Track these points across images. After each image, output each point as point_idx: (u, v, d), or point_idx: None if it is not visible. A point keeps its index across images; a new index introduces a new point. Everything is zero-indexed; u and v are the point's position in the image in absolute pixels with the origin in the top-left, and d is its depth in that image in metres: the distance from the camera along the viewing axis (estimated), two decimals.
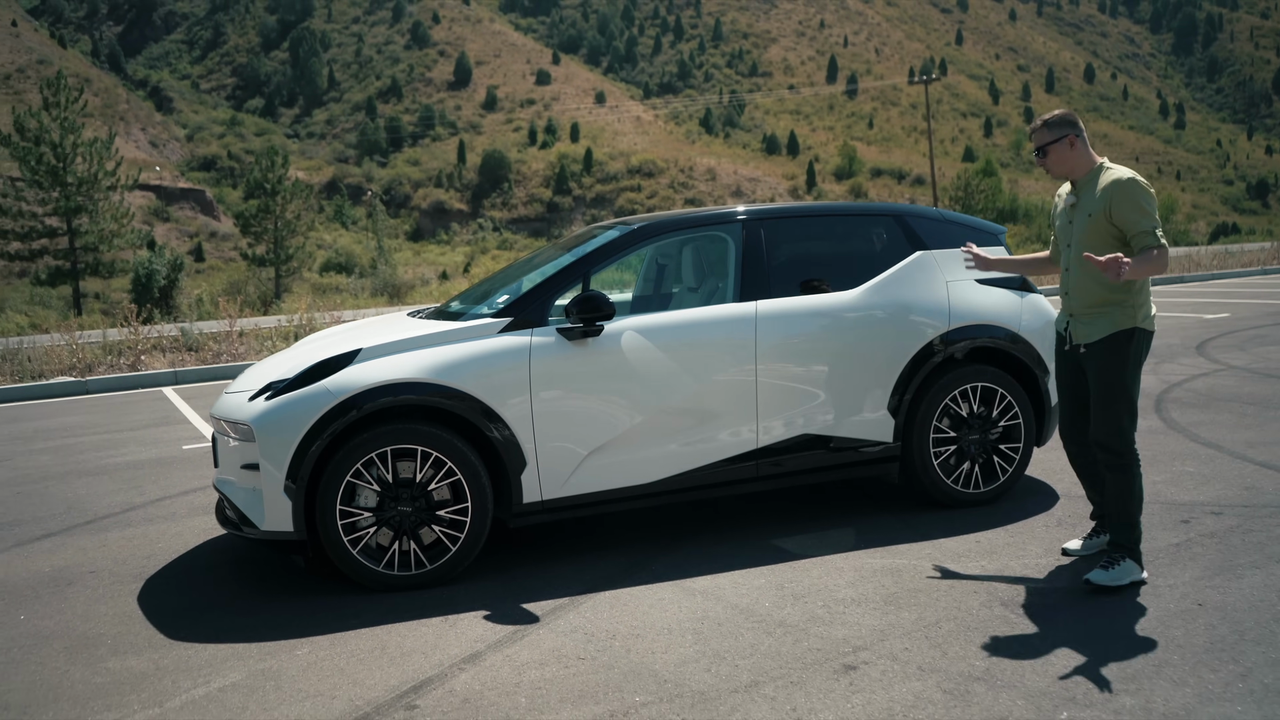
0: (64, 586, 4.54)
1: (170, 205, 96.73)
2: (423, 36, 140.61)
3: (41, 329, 22.89)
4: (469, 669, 3.39)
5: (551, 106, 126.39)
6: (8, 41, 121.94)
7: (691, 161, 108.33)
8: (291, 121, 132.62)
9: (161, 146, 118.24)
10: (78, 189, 31.78)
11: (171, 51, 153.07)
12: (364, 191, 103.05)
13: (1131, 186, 3.80)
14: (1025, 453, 5.02)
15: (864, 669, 3.23)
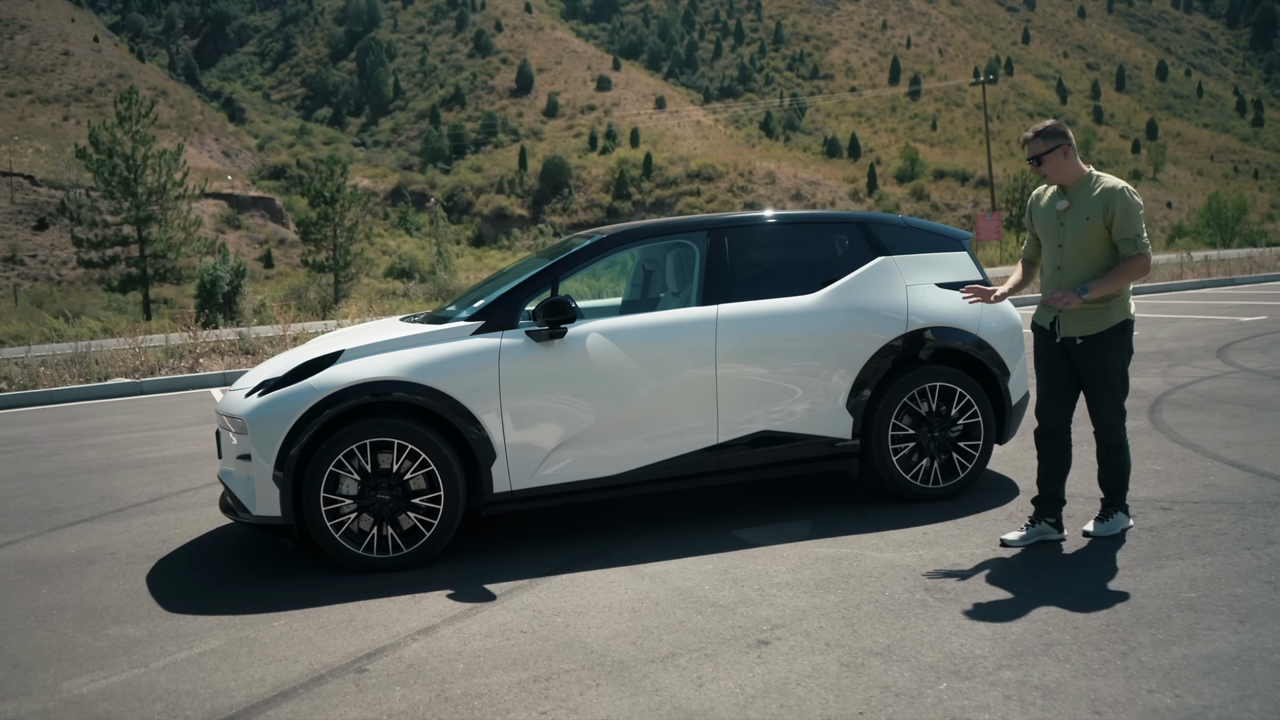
0: (85, 566, 4.99)
1: (241, 213, 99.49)
2: (485, 45, 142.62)
3: (113, 333, 23.95)
4: (421, 639, 3.73)
5: (612, 112, 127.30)
6: (90, 57, 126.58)
7: (751, 165, 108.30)
8: (358, 130, 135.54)
9: (234, 156, 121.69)
10: (148, 199, 33.17)
11: (244, 64, 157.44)
12: (427, 198, 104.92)
13: (1129, 196, 4.24)
14: (985, 450, 5.21)
15: (775, 644, 3.50)
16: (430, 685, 3.33)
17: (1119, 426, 4.39)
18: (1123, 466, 4.45)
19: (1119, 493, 4.50)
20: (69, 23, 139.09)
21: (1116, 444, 4.41)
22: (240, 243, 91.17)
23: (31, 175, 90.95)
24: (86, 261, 34.96)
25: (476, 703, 3.18)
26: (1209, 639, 3.32)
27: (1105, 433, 4.42)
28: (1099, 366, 4.31)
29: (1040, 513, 4.53)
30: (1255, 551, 4.14)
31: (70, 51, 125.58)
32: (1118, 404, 4.36)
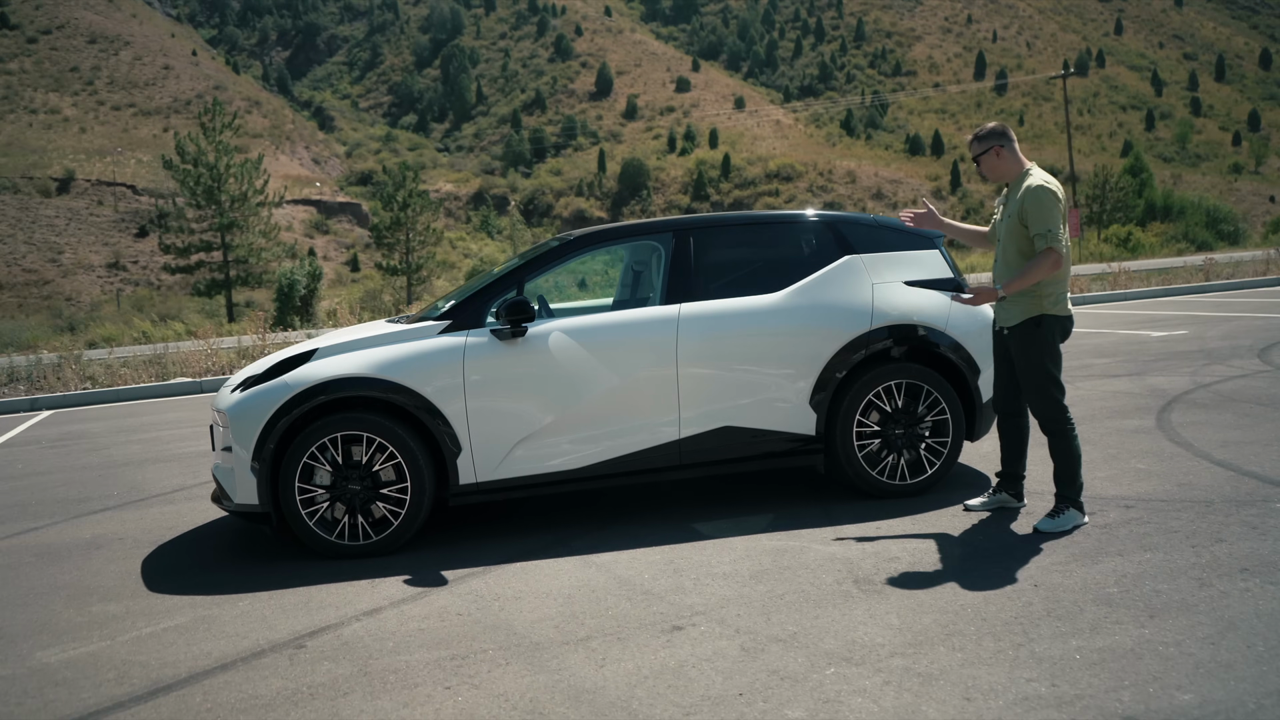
0: (93, 550, 5.36)
1: (329, 218, 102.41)
2: (566, 49, 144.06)
3: (196, 336, 25.06)
4: (364, 620, 3.96)
5: (691, 113, 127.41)
6: (188, 70, 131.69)
7: (831, 164, 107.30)
8: (442, 136, 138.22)
9: (323, 163, 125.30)
10: (230, 206, 34.53)
11: (334, 73, 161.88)
12: (508, 202, 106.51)
13: (1039, 192, 4.43)
14: (954, 447, 5.24)
15: (688, 630, 3.63)
16: (356, 661, 3.54)
17: (1055, 415, 4.50)
18: (1067, 456, 4.53)
19: (1068, 484, 4.56)
20: (169, 38, 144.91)
21: (1054, 432, 4.54)
22: (328, 247, 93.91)
23: (133, 185, 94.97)
24: (174, 267, 36.56)
25: (391, 677, 3.38)
26: (1111, 632, 3.35)
27: (1041, 421, 4.57)
28: (1020, 356, 4.55)
29: (1002, 485, 4.90)
30: (1199, 549, 4.11)
31: (170, 65, 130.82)
32: (1045, 394, 4.50)
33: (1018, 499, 4.89)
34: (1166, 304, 17.64)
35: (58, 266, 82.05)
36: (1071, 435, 4.54)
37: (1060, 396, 4.53)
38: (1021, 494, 4.91)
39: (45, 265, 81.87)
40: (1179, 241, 43.45)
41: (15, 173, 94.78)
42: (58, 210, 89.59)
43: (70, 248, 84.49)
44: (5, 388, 15.63)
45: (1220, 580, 3.76)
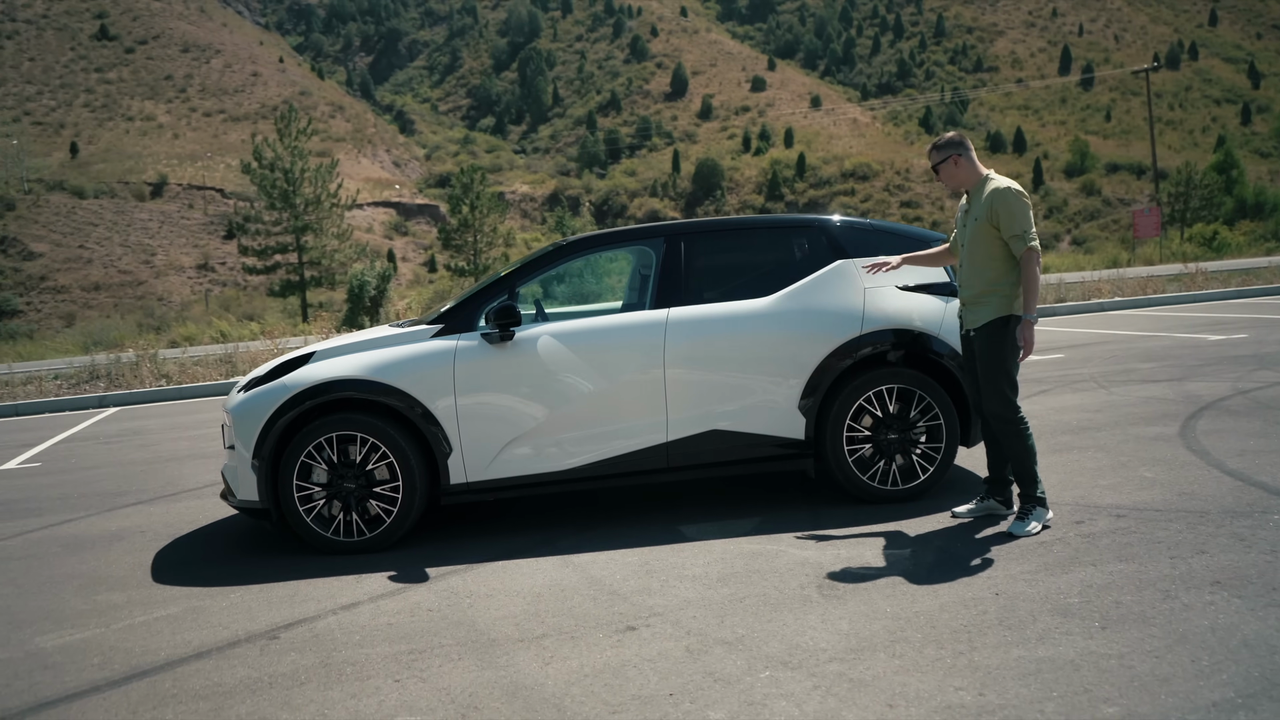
0: (114, 542, 5.64)
1: (409, 220, 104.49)
2: (641, 50, 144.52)
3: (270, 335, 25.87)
4: (340, 614, 4.11)
5: (766, 113, 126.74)
6: (275, 77, 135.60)
7: (909, 163, 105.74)
8: (519, 138, 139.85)
9: (403, 166, 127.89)
10: (305, 209, 35.54)
11: (414, 77, 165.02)
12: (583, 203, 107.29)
13: (1007, 194, 4.52)
14: (947, 453, 5.20)
15: (642, 630, 3.69)
16: (320, 653, 3.69)
17: (1009, 414, 4.57)
18: (1023, 455, 4.59)
19: (1030, 483, 4.61)
20: (258, 45, 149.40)
21: (1006, 432, 4.59)
22: (407, 248, 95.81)
23: (222, 189, 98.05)
24: (252, 269, 37.78)
25: (348, 669, 3.52)
26: (1057, 643, 3.32)
27: (994, 419, 4.62)
28: (984, 355, 4.61)
29: (990, 492, 4.89)
30: (1177, 561, 4.03)
31: (259, 72, 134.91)
32: (999, 392, 4.57)
33: (1006, 505, 4.86)
34: (1239, 306, 17.04)
35: (151, 268, 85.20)
36: (1025, 434, 4.59)
37: (1013, 395, 4.60)
38: (1010, 500, 4.87)
39: (139, 266, 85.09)
40: (1268, 240, 41.77)
41: (113, 178, 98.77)
42: (151, 214, 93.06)
43: (162, 250, 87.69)
44: (86, 384, 16.38)
45: (1187, 593, 3.68)
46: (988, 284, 4.58)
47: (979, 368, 4.66)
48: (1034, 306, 4.50)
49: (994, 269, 4.58)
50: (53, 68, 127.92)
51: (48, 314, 73.82)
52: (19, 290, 77.74)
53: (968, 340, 4.78)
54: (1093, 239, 77.02)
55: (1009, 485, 4.86)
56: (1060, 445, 6.31)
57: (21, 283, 78.84)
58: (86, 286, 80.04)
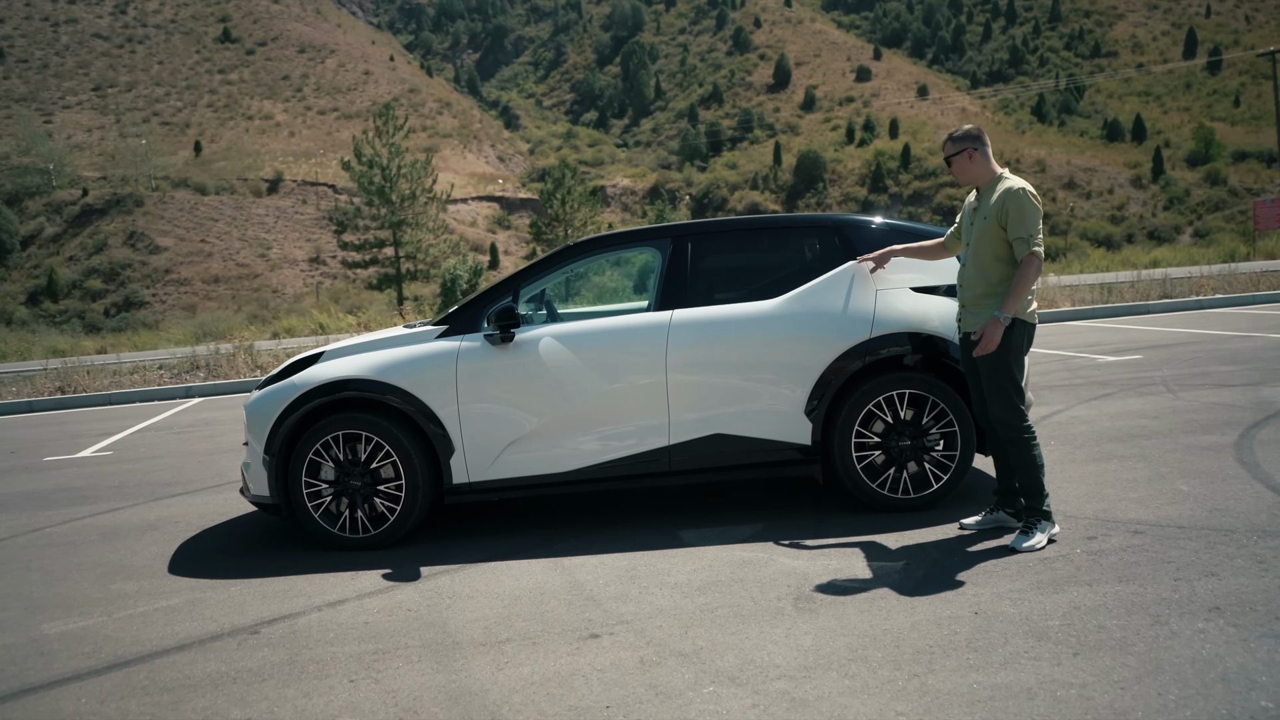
0: (147, 531, 5.87)
1: (511, 214, 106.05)
2: (744, 42, 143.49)
3: (367, 328, 26.64)
4: (324, 611, 4.19)
5: (871, 103, 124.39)
6: (386, 75, 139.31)
7: (1019, 153, 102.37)
8: (621, 131, 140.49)
9: (507, 161, 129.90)
10: (400, 205, 36.46)
11: (520, 73, 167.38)
12: (684, 196, 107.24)
13: (1020, 196, 4.34)
14: (962, 461, 5.01)
15: (604, 639, 3.66)
16: (292, 649, 3.77)
17: (1015, 423, 4.39)
18: (1030, 467, 4.39)
19: (1035, 495, 4.41)
20: (370, 44, 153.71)
21: (1013, 441, 4.41)
22: (509, 241, 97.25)
23: (334, 185, 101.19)
24: (351, 262, 38.94)
25: (311, 667, 3.59)
26: (1020, 668, 3.16)
27: (1000, 426, 4.45)
28: (985, 361, 4.39)
29: (1000, 503, 4.72)
30: (1180, 583, 3.80)
31: (370, 71, 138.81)
32: (1006, 399, 4.39)
33: (1017, 517, 4.65)
34: None
35: (266, 261, 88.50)
36: (1031, 442, 4.40)
37: (1020, 403, 4.42)
38: (1020, 513, 4.66)
39: (255, 260, 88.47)
40: None
41: (233, 175, 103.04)
42: (267, 209, 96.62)
43: (277, 244, 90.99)
44: (187, 374, 17.14)
45: (1179, 619, 3.46)
46: (990, 286, 4.42)
47: (982, 375, 4.47)
48: (1013, 308, 4.29)
49: (998, 271, 4.41)
50: (179, 70, 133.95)
51: (171, 305, 77.41)
52: (146, 282, 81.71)
53: (967, 343, 4.59)
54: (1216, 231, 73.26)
55: (1018, 496, 4.65)
56: (1101, 454, 6.01)
57: (148, 275, 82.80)
58: (207, 279, 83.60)
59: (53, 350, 29.34)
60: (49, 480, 7.81)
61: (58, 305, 76.62)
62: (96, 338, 41.47)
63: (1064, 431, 6.74)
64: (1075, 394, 8.25)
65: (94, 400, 14.73)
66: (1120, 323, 15.25)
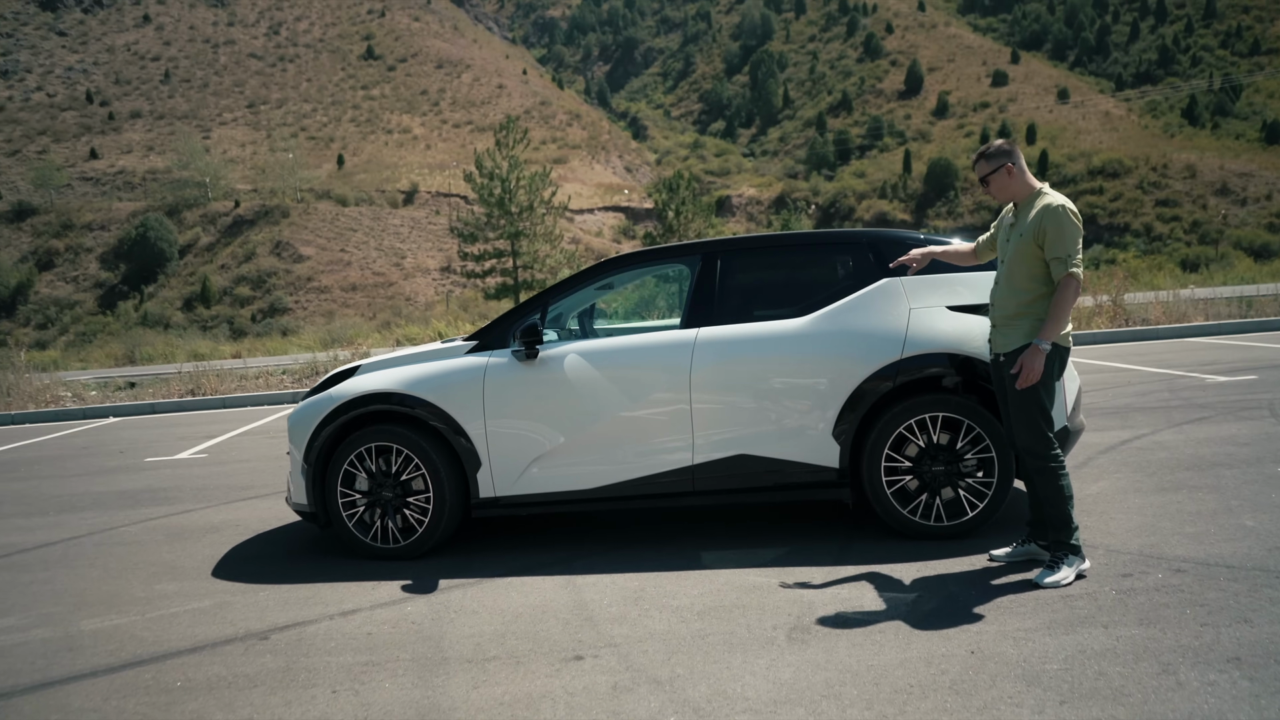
0: (208, 534, 6.14)
1: (636, 224, 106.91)
2: (875, 48, 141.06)
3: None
4: (336, 620, 4.29)
5: (1007, 108, 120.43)
6: (519, 88, 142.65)
7: (1167, 158, 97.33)
8: (748, 141, 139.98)
9: (634, 171, 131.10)
10: (519, 215, 37.23)
11: (649, 84, 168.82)
12: (809, 205, 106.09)
13: (1060, 214, 4.14)
14: (999, 489, 4.77)
15: (587, 661, 3.64)
16: (291, 658, 3.88)
17: (1042, 450, 4.17)
18: (1058, 498, 4.17)
19: (1062, 529, 4.18)
20: (504, 59, 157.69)
21: (1040, 470, 4.20)
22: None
23: (465, 196, 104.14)
24: (470, 272, 39.97)
25: (302, 675, 3.68)
26: (998, 713, 3.00)
27: (1026, 454, 4.23)
28: (1011, 383, 4.19)
29: (1032, 534, 4.49)
30: (1206, 629, 3.53)
31: (504, 85, 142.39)
32: (1033, 426, 4.17)
33: (1049, 550, 4.40)
34: None
35: (400, 270, 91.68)
36: (1059, 472, 4.18)
37: (1049, 431, 4.18)
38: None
39: (390, 269, 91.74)
40: None
41: (372, 187, 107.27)
42: (402, 220, 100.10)
43: (411, 253, 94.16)
44: (308, 379, 17.90)
45: (1191, 668, 3.22)
46: (1022, 306, 4.20)
47: (1009, 398, 4.26)
48: (1052, 335, 4.06)
49: (1032, 291, 4.18)
50: (325, 87, 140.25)
51: (312, 312, 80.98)
52: (289, 290, 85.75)
53: (998, 364, 4.36)
54: None
55: None
56: (1171, 484, 5.65)
57: (291, 283, 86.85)
58: (345, 287, 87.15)
59: (194, 354, 31.07)
60: (142, 480, 8.26)
61: (209, 311, 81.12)
62: (239, 342, 43.76)
63: (1139, 458, 6.35)
64: (1167, 417, 7.78)
65: (211, 404, 15.52)
66: (1248, 340, 14.30)
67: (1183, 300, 19.17)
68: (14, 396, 17.39)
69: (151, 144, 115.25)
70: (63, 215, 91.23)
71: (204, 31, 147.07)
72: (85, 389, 19.17)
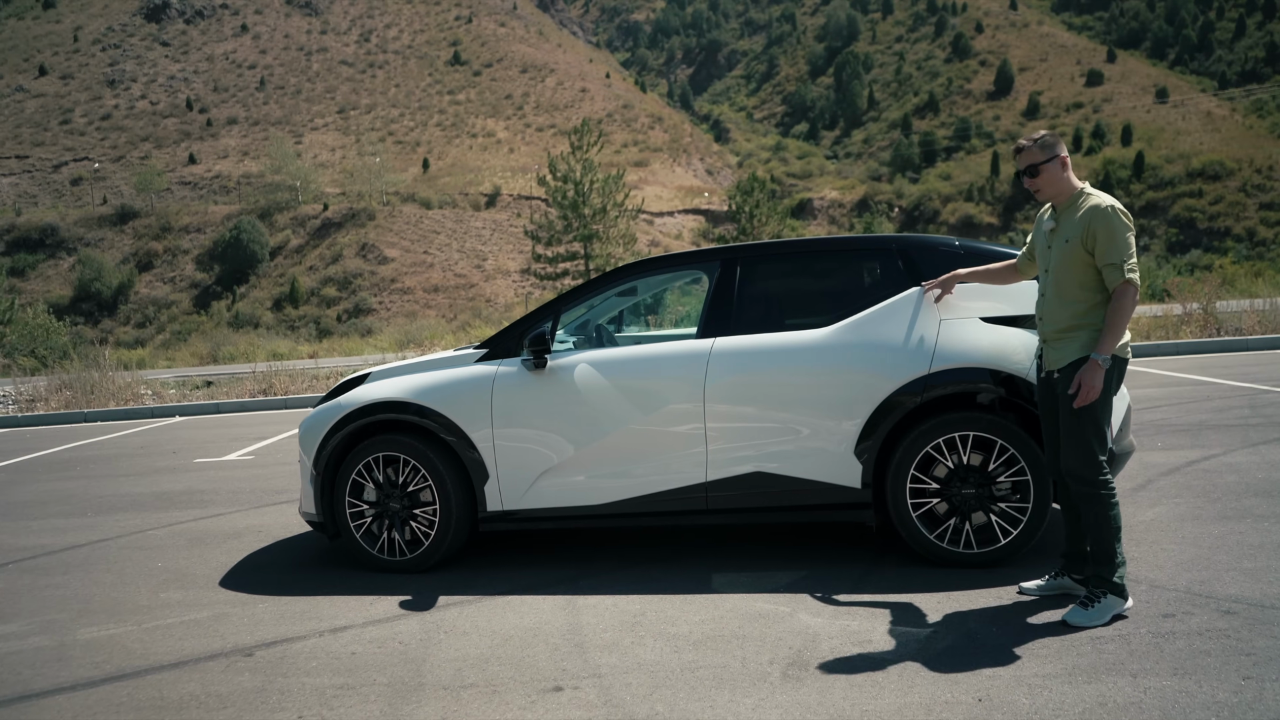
0: (230, 539, 6.10)
1: (716, 226, 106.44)
2: (964, 48, 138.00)
3: None
4: (324, 637, 4.16)
5: (1102, 109, 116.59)
6: (602, 92, 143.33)
7: (1272, 160, 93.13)
8: (831, 143, 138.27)
9: (715, 174, 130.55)
10: (592, 218, 37.23)
11: (731, 87, 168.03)
12: (892, 208, 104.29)
13: (1110, 215, 3.80)
14: (1036, 513, 4.41)
15: (566, 693, 3.43)
16: (269, 676, 3.75)
17: (1092, 476, 3.79)
18: (1104, 528, 3.80)
19: (1106, 563, 3.81)
20: (588, 63, 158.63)
21: (1089, 496, 3.81)
22: None
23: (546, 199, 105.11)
24: (543, 275, 40.12)
25: (275, 698, 3.55)
26: None
27: (1072, 480, 3.85)
28: (1067, 403, 3.82)
29: (1066, 567, 4.14)
30: (1249, 684, 3.15)
31: (587, 88, 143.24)
32: (1085, 447, 3.79)
33: (1083, 584, 4.04)
34: None
35: (481, 272, 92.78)
36: (1111, 502, 3.79)
37: (1102, 454, 3.80)
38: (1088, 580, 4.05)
39: (472, 270, 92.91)
40: None
41: (455, 190, 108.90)
42: (484, 222, 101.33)
43: (492, 255, 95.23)
44: None
45: None
46: (1075, 318, 3.84)
47: (1061, 416, 3.88)
48: (1111, 347, 3.72)
49: (1085, 300, 3.82)
50: (413, 92, 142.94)
51: (395, 312, 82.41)
52: (374, 291, 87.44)
53: (1048, 383, 4.01)
54: None
55: (1086, 561, 4.04)
56: (1235, 511, 5.20)
57: (376, 284, 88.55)
58: (427, 288, 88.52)
59: (273, 354, 31.79)
60: (184, 482, 8.32)
61: (297, 311, 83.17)
62: (320, 343, 44.70)
63: (1205, 481, 5.89)
64: (1243, 436, 7.24)
65: (273, 404, 15.74)
66: None
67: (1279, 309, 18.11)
68: (97, 394, 17.90)
69: (246, 149, 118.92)
70: (162, 218, 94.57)
71: (298, 40, 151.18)
72: (164, 388, 19.67)
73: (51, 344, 33.31)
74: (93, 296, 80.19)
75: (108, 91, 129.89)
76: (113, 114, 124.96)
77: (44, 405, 17.39)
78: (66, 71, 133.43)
